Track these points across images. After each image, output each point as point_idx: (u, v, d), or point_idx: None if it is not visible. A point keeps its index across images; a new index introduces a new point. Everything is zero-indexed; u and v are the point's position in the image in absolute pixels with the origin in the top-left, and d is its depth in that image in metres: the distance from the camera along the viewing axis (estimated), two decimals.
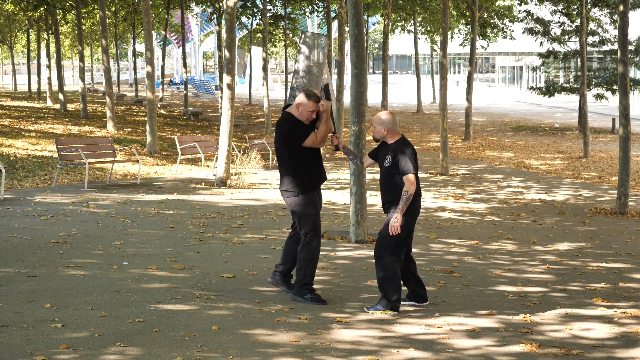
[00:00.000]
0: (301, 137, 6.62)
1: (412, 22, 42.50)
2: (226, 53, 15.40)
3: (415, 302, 6.73)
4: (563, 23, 33.00)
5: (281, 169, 6.81)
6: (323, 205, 13.07)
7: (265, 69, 34.53)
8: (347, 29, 21.67)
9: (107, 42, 25.44)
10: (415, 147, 6.80)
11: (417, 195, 6.50)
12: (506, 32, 40.41)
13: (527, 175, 18.71)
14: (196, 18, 58.86)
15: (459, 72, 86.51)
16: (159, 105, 37.86)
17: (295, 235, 6.94)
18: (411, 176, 6.34)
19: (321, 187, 7.00)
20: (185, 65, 37.98)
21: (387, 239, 6.41)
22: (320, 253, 8.89)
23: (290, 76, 41.87)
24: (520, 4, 31.27)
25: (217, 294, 6.81)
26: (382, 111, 6.81)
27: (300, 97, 6.62)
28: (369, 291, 7.20)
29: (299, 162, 6.69)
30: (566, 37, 33.18)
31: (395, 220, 6.31)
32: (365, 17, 39.37)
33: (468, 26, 37.67)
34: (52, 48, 49.71)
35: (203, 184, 15.25)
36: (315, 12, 42.90)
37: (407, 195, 6.33)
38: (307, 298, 6.68)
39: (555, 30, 33.64)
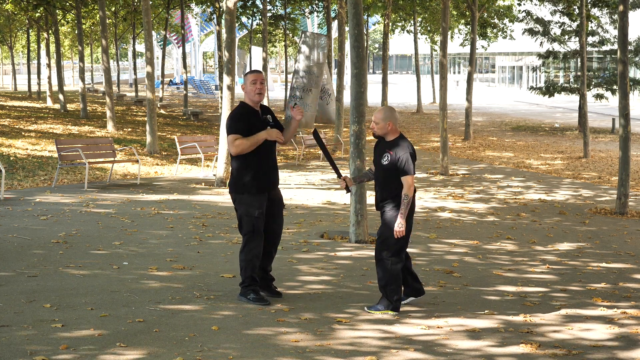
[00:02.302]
0: (233, 128, 6.36)
1: (412, 22, 42.51)
2: (226, 53, 15.40)
3: (414, 297, 6.71)
4: (563, 23, 33.02)
5: (231, 163, 6.61)
6: (323, 205, 13.07)
7: (265, 69, 34.54)
8: (347, 29, 21.57)
9: (107, 42, 25.44)
10: (415, 147, 6.77)
11: (414, 196, 6.45)
12: (506, 32, 40.45)
13: (527, 175, 18.71)
14: (196, 18, 58.88)
15: (459, 72, 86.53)
16: (158, 105, 37.87)
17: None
18: (410, 178, 6.28)
19: (278, 191, 6.72)
20: (185, 65, 37.97)
21: (387, 240, 6.38)
22: (320, 253, 8.93)
23: (290, 76, 41.90)
24: (520, 4, 31.28)
25: (217, 294, 6.81)
26: (380, 107, 6.71)
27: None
28: (369, 291, 7.19)
29: (246, 159, 6.45)
30: (566, 37, 33.20)
31: (400, 225, 6.25)
32: (365, 17, 39.39)
33: (468, 26, 37.69)
34: (52, 48, 49.75)
35: (203, 184, 15.25)
36: (315, 12, 42.91)
37: (408, 198, 6.27)
38: (250, 298, 6.55)
39: (555, 31, 33.66)
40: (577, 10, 30.23)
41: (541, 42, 34.32)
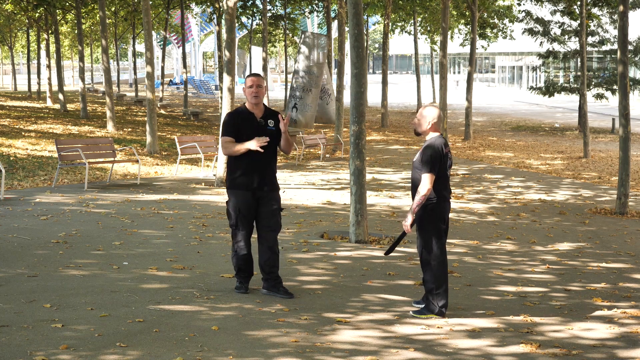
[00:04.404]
0: (223, 130, 6.72)
1: (412, 22, 42.50)
2: (226, 53, 15.40)
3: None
4: (563, 23, 33.03)
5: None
6: (323, 205, 13.05)
7: (265, 69, 34.53)
8: (347, 29, 21.55)
9: (107, 42, 25.43)
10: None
11: (442, 199, 6.27)
12: (506, 32, 40.43)
13: (527, 175, 18.71)
14: (196, 18, 58.88)
15: (459, 72, 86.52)
16: (158, 105, 37.87)
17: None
18: (427, 175, 6.14)
19: (272, 194, 6.75)
20: (185, 65, 37.97)
21: (427, 243, 6.32)
22: (320, 253, 8.93)
23: (290, 76, 41.90)
24: (520, 4, 31.24)
25: (217, 294, 6.81)
26: (428, 104, 6.67)
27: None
28: (369, 291, 7.20)
29: (234, 157, 6.70)
30: (566, 37, 33.21)
31: (406, 220, 6.24)
32: (365, 17, 39.38)
33: (468, 26, 37.68)
34: (52, 48, 49.71)
35: (203, 184, 15.25)
36: (315, 12, 42.91)
37: (420, 195, 6.15)
38: (235, 285, 6.98)
39: (555, 30, 33.66)
40: (577, 10, 30.24)
41: (541, 42, 34.33)
